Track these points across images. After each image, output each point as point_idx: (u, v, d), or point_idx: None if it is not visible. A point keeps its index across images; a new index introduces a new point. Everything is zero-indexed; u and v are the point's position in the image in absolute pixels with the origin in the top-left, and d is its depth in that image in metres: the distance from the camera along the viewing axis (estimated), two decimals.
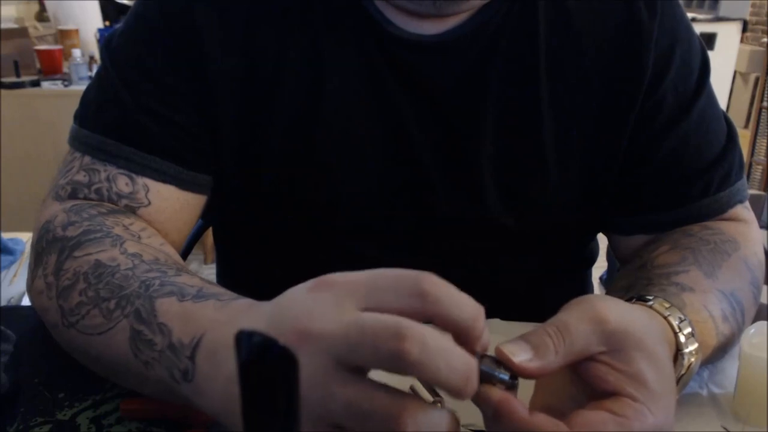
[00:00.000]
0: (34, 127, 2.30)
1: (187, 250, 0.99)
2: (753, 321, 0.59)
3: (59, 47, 2.54)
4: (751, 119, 3.81)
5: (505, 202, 0.67)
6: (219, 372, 0.39)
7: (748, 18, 4.07)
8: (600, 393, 0.39)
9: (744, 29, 4.03)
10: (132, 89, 0.63)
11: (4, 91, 2.28)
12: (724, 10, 4.02)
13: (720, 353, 0.58)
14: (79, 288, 0.51)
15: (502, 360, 0.37)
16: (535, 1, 0.64)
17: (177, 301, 0.45)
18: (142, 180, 0.62)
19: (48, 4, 3.09)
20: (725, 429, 0.52)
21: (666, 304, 0.49)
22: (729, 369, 0.59)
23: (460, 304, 0.34)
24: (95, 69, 1.69)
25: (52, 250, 0.55)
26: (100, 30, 2.74)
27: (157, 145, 0.63)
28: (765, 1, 4.07)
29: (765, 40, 3.97)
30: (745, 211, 0.70)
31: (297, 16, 0.63)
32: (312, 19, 0.63)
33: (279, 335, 0.34)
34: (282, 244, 0.71)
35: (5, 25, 2.79)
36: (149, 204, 0.62)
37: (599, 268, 1.01)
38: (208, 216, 0.73)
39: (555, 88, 0.65)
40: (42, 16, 3.45)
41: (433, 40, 0.63)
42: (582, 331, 0.38)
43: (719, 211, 0.68)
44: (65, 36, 2.68)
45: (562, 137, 0.66)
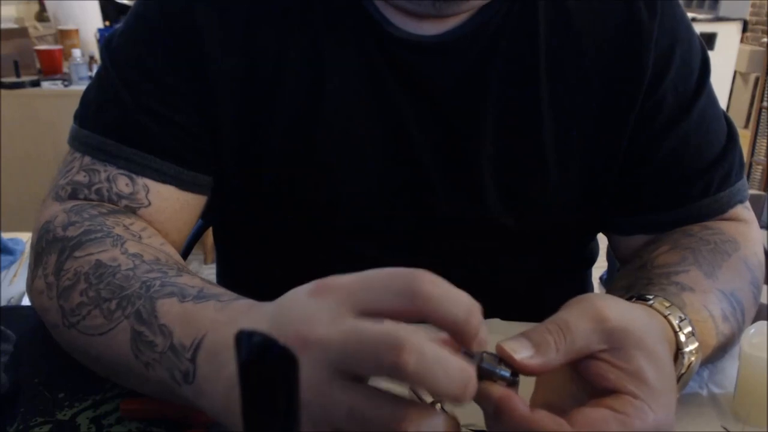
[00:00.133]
0: (34, 127, 2.30)
1: (187, 250, 0.99)
2: (753, 321, 0.59)
3: (59, 47, 2.54)
4: (751, 119, 3.81)
5: (505, 202, 0.67)
6: (220, 373, 0.39)
7: (748, 18, 4.07)
8: (600, 391, 0.39)
9: (744, 29, 4.03)
10: (132, 89, 0.63)
11: (4, 91, 2.28)
12: (724, 10, 4.02)
13: (720, 353, 0.58)
14: (79, 288, 0.51)
15: (503, 357, 0.37)
16: (535, 1, 0.64)
17: (178, 302, 0.45)
18: (142, 180, 0.62)
19: (48, 4, 3.09)
20: (725, 429, 0.52)
21: (666, 303, 0.49)
22: (729, 369, 0.59)
23: (453, 301, 0.34)
24: (95, 69, 1.69)
25: (52, 250, 0.55)
26: (100, 30, 2.74)
27: (158, 145, 0.63)
28: (765, 1, 4.07)
29: (765, 40, 3.97)
30: (745, 211, 0.70)
31: (297, 16, 0.63)
32: (312, 19, 0.63)
33: (280, 339, 0.34)
34: (282, 244, 0.71)
35: (5, 25, 2.79)
36: (149, 204, 0.62)
37: (599, 268, 1.01)
38: (208, 216, 0.73)
39: (555, 88, 0.65)
40: (42, 16, 3.45)
41: (433, 41, 0.63)
42: (582, 328, 0.38)
43: (719, 211, 0.68)
44: (65, 36, 2.68)
45: (562, 137, 0.66)
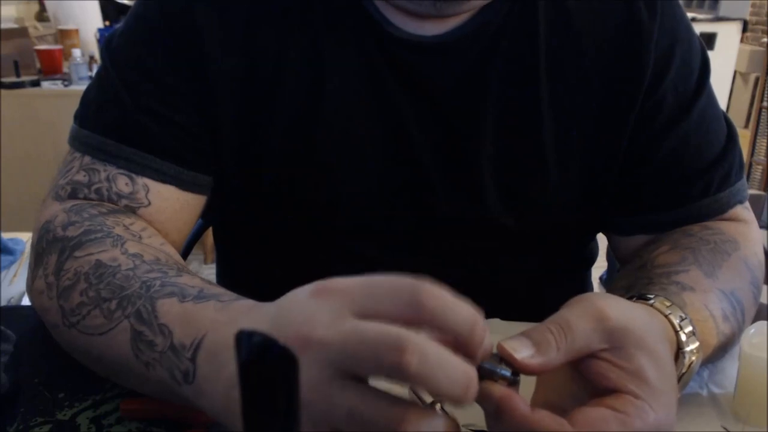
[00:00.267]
0: (34, 127, 2.30)
1: (187, 250, 0.99)
2: (753, 321, 0.59)
3: (59, 47, 2.54)
4: (751, 119, 3.80)
5: (505, 202, 0.67)
6: (220, 373, 0.39)
7: (748, 18, 4.07)
8: (601, 390, 0.39)
9: (744, 29, 4.03)
10: (132, 89, 0.63)
11: (4, 91, 2.28)
12: (724, 10, 4.02)
13: (720, 353, 0.58)
14: (79, 288, 0.51)
15: (504, 356, 0.37)
16: (535, 1, 0.64)
17: (178, 302, 0.45)
18: (142, 180, 0.62)
19: (48, 4, 3.09)
20: (725, 429, 0.52)
21: (667, 302, 0.49)
22: (729, 369, 0.59)
23: (456, 312, 0.34)
24: (95, 69, 1.69)
25: (52, 250, 0.55)
26: (100, 30, 2.74)
27: (157, 145, 0.63)
28: (765, 1, 4.06)
29: (765, 40, 3.97)
30: (745, 211, 0.70)
31: (297, 16, 0.63)
32: (312, 19, 0.63)
33: (280, 339, 0.34)
34: (282, 244, 0.71)
35: (5, 25, 2.79)
36: (149, 204, 0.62)
37: (599, 268, 1.01)
38: (208, 216, 0.73)
39: (555, 88, 0.65)
40: (42, 16, 3.45)
41: (434, 41, 0.63)
42: (583, 328, 0.38)
43: (719, 211, 0.68)
44: (65, 36, 2.68)
45: (562, 137, 0.66)
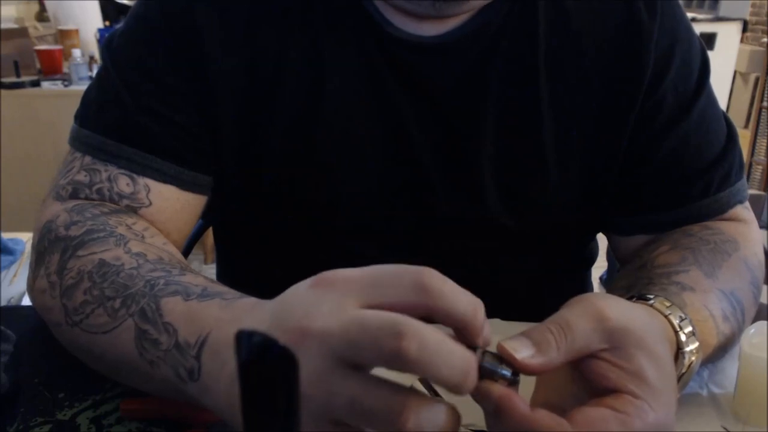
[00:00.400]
0: (34, 127, 2.30)
1: (188, 250, 0.99)
2: (753, 321, 0.59)
3: (59, 47, 2.54)
4: (751, 119, 3.80)
5: (505, 202, 0.67)
6: (223, 370, 0.39)
7: (748, 18, 4.07)
8: (601, 390, 0.39)
9: (744, 29, 4.03)
10: (133, 90, 0.63)
11: (4, 91, 2.28)
12: (724, 10, 4.02)
13: (720, 353, 0.58)
14: (83, 287, 0.51)
15: (504, 356, 0.37)
16: (535, 1, 0.64)
17: (182, 301, 0.45)
18: (143, 180, 0.62)
19: (48, 4, 3.09)
20: (725, 429, 0.52)
21: (667, 302, 0.49)
22: (729, 369, 0.59)
23: (460, 298, 0.34)
24: (95, 69, 1.69)
25: (54, 250, 0.55)
26: (100, 30, 2.74)
27: (158, 145, 0.63)
28: (765, 1, 4.07)
29: (765, 40, 3.97)
30: (745, 211, 0.70)
31: (297, 16, 0.63)
32: (312, 19, 0.63)
33: (281, 333, 0.35)
34: (282, 244, 0.71)
35: (5, 25, 2.79)
36: (150, 204, 0.62)
37: (599, 268, 1.01)
38: (208, 216, 0.73)
39: (555, 88, 0.65)
40: (42, 16, 3.45)
41: (434, 41, 0.63)
42: (583, 328, 0.38)
43: (719, 211, 0.68)
44: (65, 36, 2.68)
45: (562, 137, 0.66)
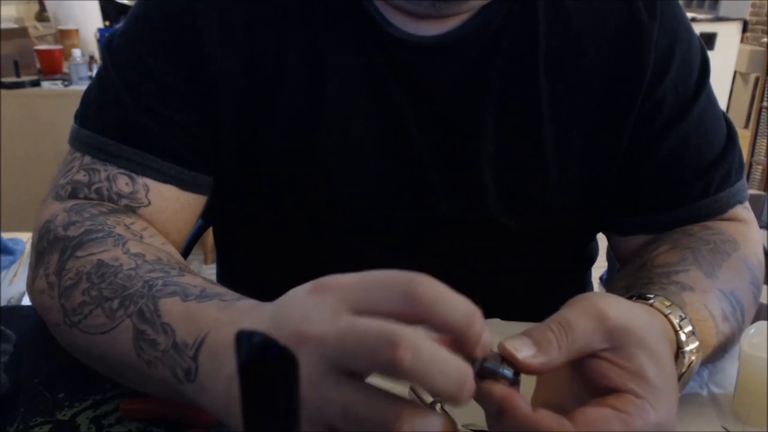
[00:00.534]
0: (34, 127, 2.30)
1: (187, 250, 0.99)
2: (753, 321, 0.59)
3: (59, 47, 2.54)
4: (751, 119, 3.80)
5: (505, 202, 0.67)
6: (220, 371, 0.39)
7: (748, 18, 4.07)
8: (602, 390, 0.39)
9: (744, 29, 4.03)
10: (132, 90, 0.63)
11: (4, 91, 2.28)
12: (724, 10, 4.01)
13: (720, 352, 0.58)
14: (81, 287, 0.51)
15: (505, 356, 0.37)
16: (535, 1, 0.64)
17: (180, 301, 0.45)
18: (142, 180, 0.62)
19: (48, 4, 3.09)
20: (725, 429, 0.52)
21: (667, 302, 0.49)
22: (729, 369, 0.59)
23: (453, 306, 0.33)
24: (95, 69, 1.69)
25: (53, 250, 0.55)
26: (100, 30, 2.73)
27: (158, 145, 0.63)
28: (765, 1, 4.06)
29: (765, 40, 3.97)
30: (744, 211, 0.70)
31: (297, 16, 0.63)
32: (312, 19, 0.63)
33: (280, 336, 0.34)
34: (282, 244, 0.71)
35: (5, 25, 2.79)
36: (149, 204, 0.62)
37: (599, 268, 1.00)
38: (208, 216, 0.73)
39: (555, 88, 0.65)
40: (42, 16, 3.45)
41: (434, 41, 0.63)
42: (584, 327, 0.38)
43: (719, 211, 0.68)
44: (65, 36, 2.67)
45: (562, 137, 0.66)
